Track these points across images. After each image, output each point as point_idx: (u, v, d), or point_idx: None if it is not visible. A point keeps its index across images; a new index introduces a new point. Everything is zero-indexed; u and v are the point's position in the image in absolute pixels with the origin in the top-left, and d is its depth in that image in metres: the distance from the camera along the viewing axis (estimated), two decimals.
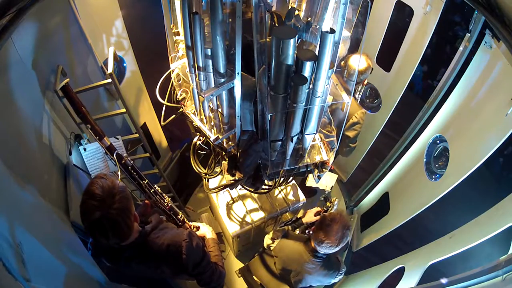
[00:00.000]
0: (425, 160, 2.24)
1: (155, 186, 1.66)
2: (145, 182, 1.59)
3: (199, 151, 1.87)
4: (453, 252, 1.71)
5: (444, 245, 1.88)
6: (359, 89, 2.40)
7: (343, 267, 1.88)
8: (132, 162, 1.56)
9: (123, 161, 1.52)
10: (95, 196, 1.10)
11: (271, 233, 1.99)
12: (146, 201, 1.66)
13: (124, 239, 1.24)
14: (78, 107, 1.51)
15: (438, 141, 2.21)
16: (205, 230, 1.82)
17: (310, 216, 2.05)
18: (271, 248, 1.96)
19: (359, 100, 2.45)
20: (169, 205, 1.70)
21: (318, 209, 2.08)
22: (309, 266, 1.79)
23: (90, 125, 1.53)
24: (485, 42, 1.74)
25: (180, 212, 1.78)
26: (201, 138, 1.79)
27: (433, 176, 2.18)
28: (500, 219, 1.52)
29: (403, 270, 2.12)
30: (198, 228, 1.84)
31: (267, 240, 2.00)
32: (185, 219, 1.80)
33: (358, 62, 2.09)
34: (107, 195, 1.11)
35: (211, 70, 1.21)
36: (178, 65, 1.58)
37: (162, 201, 1.67)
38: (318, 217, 1.97)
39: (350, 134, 2.40)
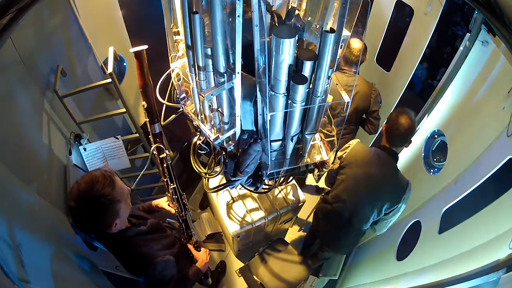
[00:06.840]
0: (423, 154, 2.25)
1: (183, 194, 1.61)
2: (172, 186, 1.51)
3: (199, 151, 1.86)
4: (462, 194, 1.74)
5: (453, 190, 1.87)
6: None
7: (409, 187, 1.82)
8: (170, 161, 1.46)
9: (162, 156, 1.41)
10: (80, 186, 1.08)
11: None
12: (168, 195, 1.63)
13: (91, 233, 1.25)
14: (146, 77, 1.22)
15: (436, 136, 2.23)
16: (202, 257, 1.76)
17: None
18: (342, 158, 1.94)
19: None
20: (186, 218, 1.66)
21: None
22: (386, 169, 1.81)
23: (148, 102, 1.20)
24: (482, 42, 1.76)
25: (192, 231, 1.73)
26: (201, 138, 1.78)
27: (432, 170, 2.20)
28: (499, 155, 1.52)
29: (419, 224, 2.10)
30: (200, 247, 1.77)
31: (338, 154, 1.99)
32: (193, 237, 1.76)
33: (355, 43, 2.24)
34: (89, 194, 1.08)
35: (211, 70, 1.21)
36: (178, 64, 1.58)
37: (181, 211, 1.63)
38: None
39: (377, 107, 2.43)
